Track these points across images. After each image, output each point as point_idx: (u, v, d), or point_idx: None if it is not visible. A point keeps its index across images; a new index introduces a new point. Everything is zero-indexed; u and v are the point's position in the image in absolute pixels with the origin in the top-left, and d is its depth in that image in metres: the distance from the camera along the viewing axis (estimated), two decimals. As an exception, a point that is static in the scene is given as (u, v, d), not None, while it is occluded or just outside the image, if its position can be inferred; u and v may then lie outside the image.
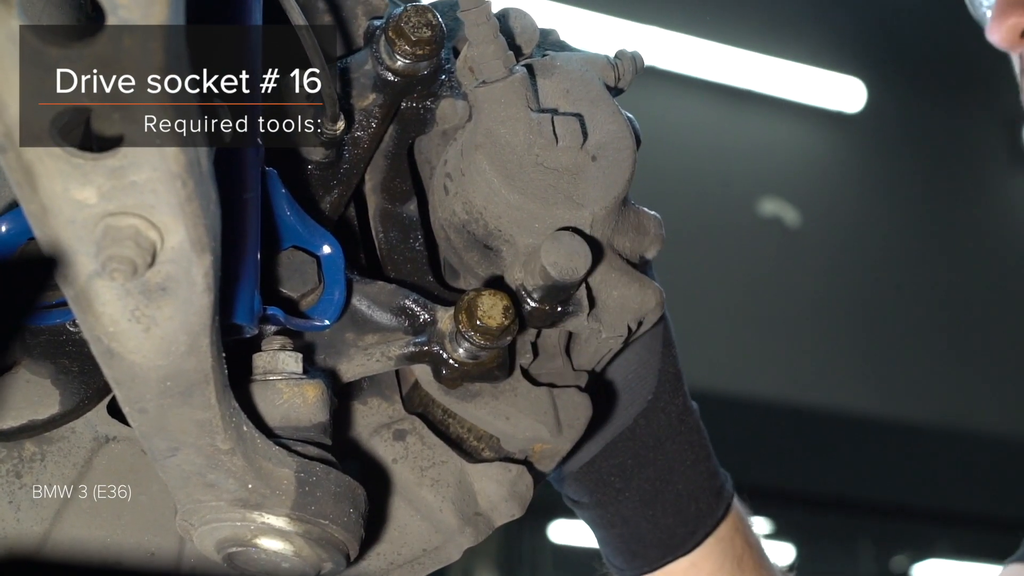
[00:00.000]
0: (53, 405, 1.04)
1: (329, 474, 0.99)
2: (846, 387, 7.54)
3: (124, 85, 0.71)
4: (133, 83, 0.71)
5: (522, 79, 1.11)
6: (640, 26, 7.17)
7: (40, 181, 0.73)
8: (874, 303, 7.63)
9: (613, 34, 6.91)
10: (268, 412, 1.00)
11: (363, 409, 1.15)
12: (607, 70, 1.19)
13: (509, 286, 1.12)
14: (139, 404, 0.89)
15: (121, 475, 1.08)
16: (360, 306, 1.10)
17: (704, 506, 1.43)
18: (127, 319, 0.81)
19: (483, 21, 1.10)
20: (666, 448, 1.39)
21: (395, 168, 1.20)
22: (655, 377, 1.36)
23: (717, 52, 7.52)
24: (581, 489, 1.41)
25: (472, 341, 1.06)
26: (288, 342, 1.04)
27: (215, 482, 0.95)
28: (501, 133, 1.10)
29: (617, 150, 1.13)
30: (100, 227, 0.75)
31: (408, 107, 1.18)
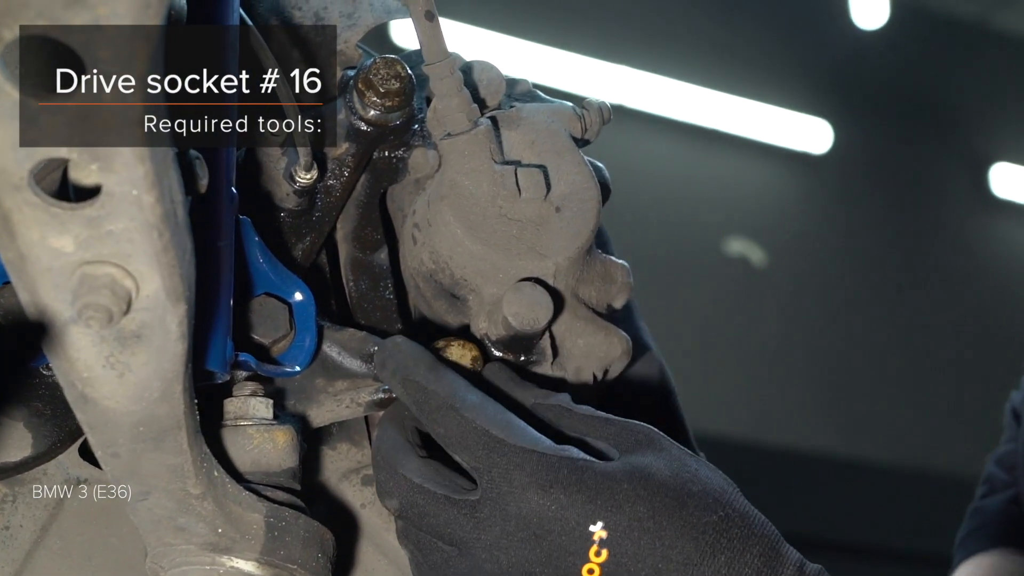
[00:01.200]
0: (25, 448, 1.04)
1: (298, 519, 0.99)
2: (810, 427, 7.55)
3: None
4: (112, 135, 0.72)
5: (486, 131, 1.13)
6: (609, 65, 7.19)
7: (18, 229, 0.74)
8: (839, 343, 7.65)
9: (583, 73, 6.93)
10: (239, 457, 1.01)
11: (332, 454, 1.16)
12: (573, 121, 1.20)
13: (475, 335, 1.13)
14: (111, 448, 0.90)
15: (92, 518, 1.09)
16: (331, 353, 1.11)
17: None
18: (101, 365, 0.82)
19: (447, 75, 1.12)
20: None
21: (367, 217, 1.21)
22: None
23: (685, 92, 7.54)
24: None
25: None
26: (259, 388, 1.05)
27: (185, 526, 0.96)
28: (465, 185, 1.12)
29: (581, 200, 1.14)
30: (77, 275, 0.76)
31: (380, 156, 1.19)
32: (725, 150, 7.85)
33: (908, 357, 8.02)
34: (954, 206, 8.52)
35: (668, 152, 7.71)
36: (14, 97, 0.70)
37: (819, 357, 7.61)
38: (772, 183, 8.08)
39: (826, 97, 8.06)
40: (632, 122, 7.29)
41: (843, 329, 7.71)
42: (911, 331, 8.03)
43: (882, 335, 7.89)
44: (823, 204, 8.09)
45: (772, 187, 8.09)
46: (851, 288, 7.78)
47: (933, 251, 8.35)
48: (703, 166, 7.80)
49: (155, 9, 0.68)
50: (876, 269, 8.02)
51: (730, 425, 7.18)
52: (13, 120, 0.70)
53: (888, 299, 8.03)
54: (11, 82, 0.69)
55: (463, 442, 1.01)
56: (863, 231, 8.07)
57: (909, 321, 8.04)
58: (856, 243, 8.00)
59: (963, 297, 8.29)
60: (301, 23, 1.21)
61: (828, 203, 8.09)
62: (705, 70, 7.63)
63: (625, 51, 7.33)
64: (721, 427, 7.04)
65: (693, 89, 7.61)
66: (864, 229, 8.08)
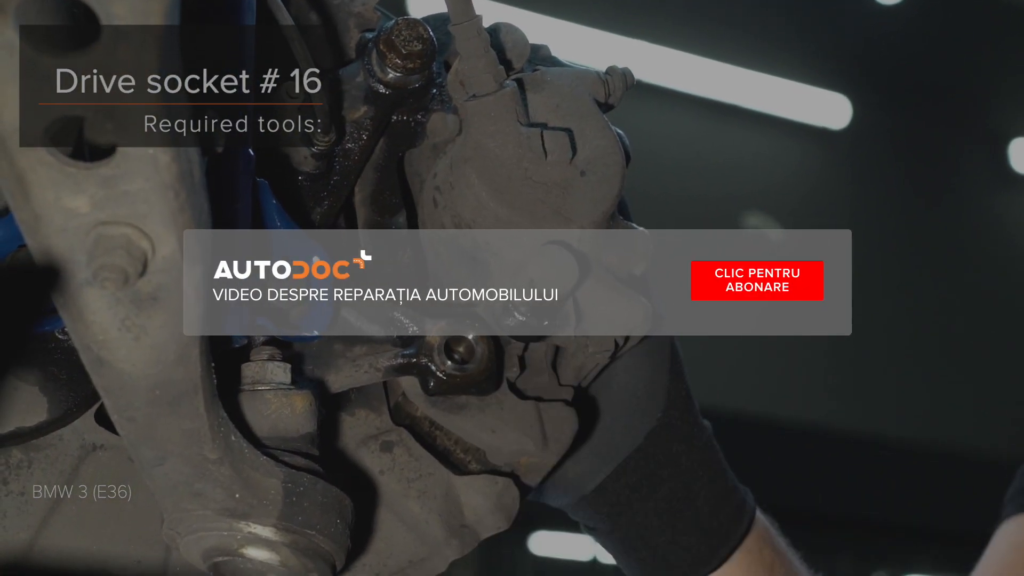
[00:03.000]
0: (41, 412, 1.04)
1: (316, 484, 0.99)
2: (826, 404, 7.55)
3: (124, 86, 0.71)
4: (133, 83, 0.71)
5: (512, 93, 1.12)
6: (628, 40, 7.18)
7: (32, 189, 0.74)
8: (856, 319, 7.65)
9: (601, 48, 6.92)
10: (256, 422, 1.01)
11: (351, 420, 1.15)
12: (597, 85, 1.19)
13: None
14: (128, 413, 0.89)
15: (108, 483, 1.08)
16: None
17: (726, 521, 1.40)
18: (117, 328, 0.81)
19: (473, 35, 1.10)
20: (680, 465, 1.37)
21: (385, 181, 1.20)
22: (664, 395, 1.34)
23: (704, 67, 7.54)
24: (596, 514, 1.38)
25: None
26: (277, 352, 1.04)
27: (202, 491, 0.96)
28: (490, 147, 1.10)
29: (606, 165, 1.13)
30: (92, 236, 0.76)
31: (399, 120, 1.18)
32: (743, 125, 7.85)
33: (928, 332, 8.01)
34: (973, 181, 8.51)
35: (686, 127, 7.70)
36: (28, 55, 0.69)
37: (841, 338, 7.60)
38: (790, 158, 8.08)
39: (845, 72, 8.05)
40: (650, 96, 7.29)
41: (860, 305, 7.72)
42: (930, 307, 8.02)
43: (900, 311, 7.89)
44: (841, 179, 8.08)
45: (790, 162, 8.08)
46: (869, 264, 7.77)
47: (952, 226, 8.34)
48: (721, 141, 7.80)
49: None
50: (894, 245, 8.01)
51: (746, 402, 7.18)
52: (27, 78, 0.69)
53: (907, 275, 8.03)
54: (25, 40, 0.68)
55: None
56: (881, 206, 8.06)
57: (928, 297, 8.03)
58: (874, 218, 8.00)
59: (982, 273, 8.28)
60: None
61: (846, 178, 8.08)
62: (724, 44, 7.62)
63: (643, 25, 7.32)
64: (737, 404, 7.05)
65: (712, 64, 7.61)
66: (882, 204, 8.07)
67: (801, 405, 7.47)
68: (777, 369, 7.47)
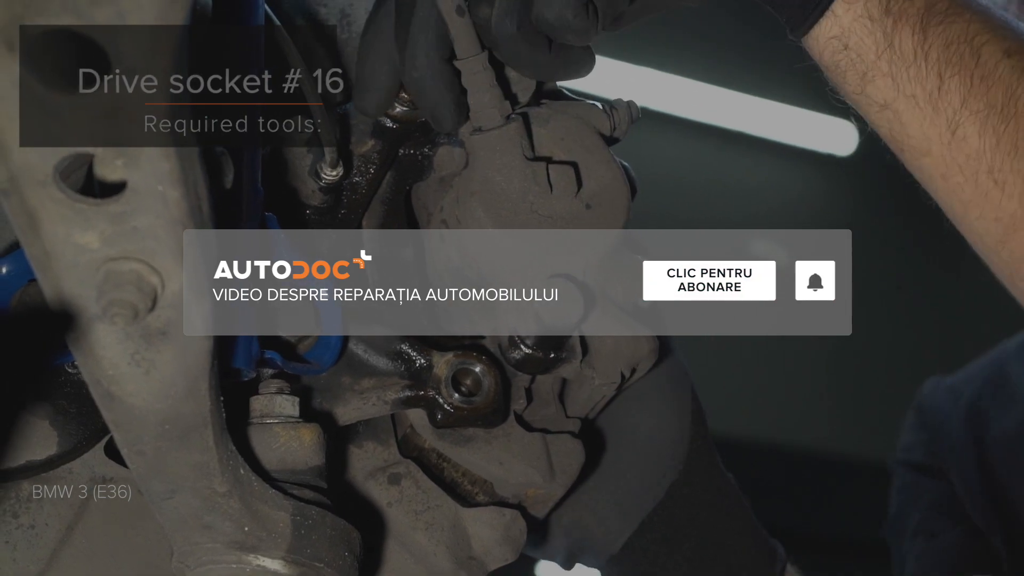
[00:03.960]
0: (51, 446, 1.04)
1: (325, 517, 0.99)
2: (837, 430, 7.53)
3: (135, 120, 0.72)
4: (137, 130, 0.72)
5: (518, 127, 1.12)
6: (633, 67, 7.19)
7: (43, 225, 0.74)
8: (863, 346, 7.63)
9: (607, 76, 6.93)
10: (265, 455, 1.01)
11: (358, 452, 1.15)
12: (602, 119, 1.20)
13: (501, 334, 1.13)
14: (137, 446, 0.90)
15: (118, 516, 1.08)
16: (357, 351, 1.11)
17: (759, 571, 1.37)
18: (127, 362, 0.82)
19: (479, 70, 1.11)
20: (706, 518, 1.34)
21: (392, 214, 1.20)
22: (686, 445, 1.33)
23: (709, 94, 7.54)
24: (624, 572, 1.35)
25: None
26: (285, 385, 1.05)
27: (211, 524, 0.96)
28: (497, 180, 1.11)
29: (611, 198, 1.14)
30: (102, 271, 0.76)
31: (406, 153, 1.19)
32: (749, 151, 7.85)
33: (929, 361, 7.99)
34: (980, 209, 8.47)
35: (692, 154, 7.70)
36: (39, 93, 0.69)
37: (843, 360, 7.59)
38: (796, 185, 8.07)
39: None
40: (657, 124, 7.29)
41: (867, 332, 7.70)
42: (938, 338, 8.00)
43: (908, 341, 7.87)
44: (848, 206, 8.07)
45: (796, 189, 8.07)
46: (876, 292, 7.76)
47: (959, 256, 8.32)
48: (727, 168, 7.80)
49: (180, 4, 0.68)
50: (901, 273, 8.00)
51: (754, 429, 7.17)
52: (38, 116, 0.70)
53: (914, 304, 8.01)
54: (36, 77, 0.69)
55: None
56: (888, 234, 8.05)
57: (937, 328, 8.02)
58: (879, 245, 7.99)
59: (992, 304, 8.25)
60: (326, 21, 1.21)
61: (853, 205, 8.07)
62: (729, 72, 7.62)
63: (648, 53, 7.32)
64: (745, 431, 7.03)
65: (717, 91, 7.61)
66: (889, 232, 8.06)
67: (812, 431, 7.46)
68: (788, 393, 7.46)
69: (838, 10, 1.17)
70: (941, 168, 1.17)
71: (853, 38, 1.18)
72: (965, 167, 1.15)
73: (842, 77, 1.20)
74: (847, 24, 1.17)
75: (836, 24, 1.18)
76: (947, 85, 1.14)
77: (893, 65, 1.16)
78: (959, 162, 1.16)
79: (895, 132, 1.20)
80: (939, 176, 1.18)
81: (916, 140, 1.18)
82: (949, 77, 1.14)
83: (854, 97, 1.21)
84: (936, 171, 1.17)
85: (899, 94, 1.17)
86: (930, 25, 1.14)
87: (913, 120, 1.17)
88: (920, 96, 1.15)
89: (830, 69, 1.22)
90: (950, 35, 1.15)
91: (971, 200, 1.15)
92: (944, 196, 1.20)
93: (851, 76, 1.19)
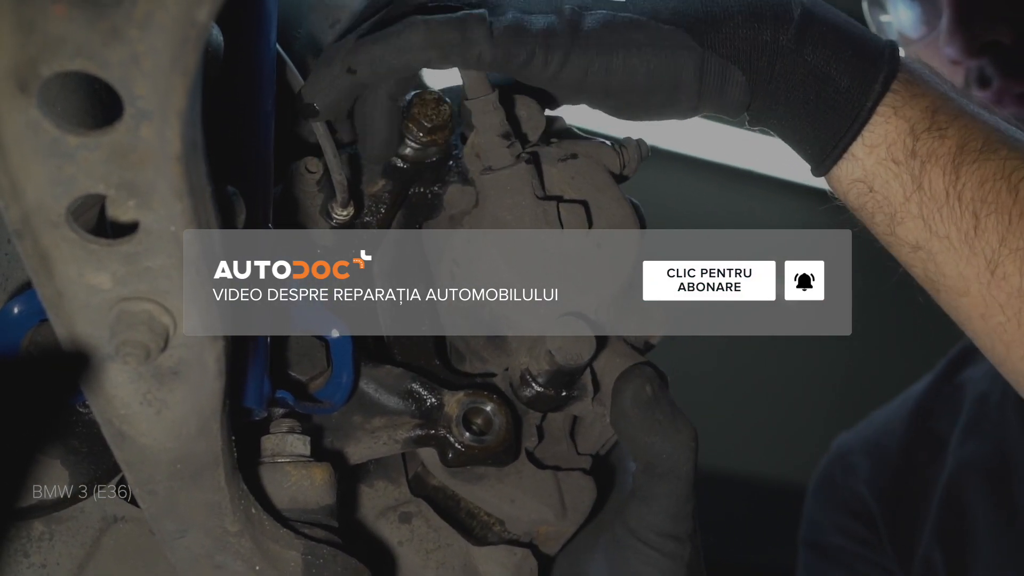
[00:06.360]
0: (62, 485, 1.04)
1: (336, 556, 0.99)
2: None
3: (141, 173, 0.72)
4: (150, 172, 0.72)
5: (528, 167, 1.13)
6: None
7: (56, 266, 0.74)
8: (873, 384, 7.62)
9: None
10: (276, 494, 1.01)
11: (369, 491, 1.15)
12: (612, 157, 1.20)
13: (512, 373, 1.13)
14: (149, 486, 0.90)
15: (129, 556, 1.08)
16: (368, 389, 1.11)
17: None
18: (139, 402, 0.82)
19: (489, 110, 1.12)
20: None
21: (403, 253, 1.20)
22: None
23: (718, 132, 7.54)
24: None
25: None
26: (296, 425, 1.05)
27: (223, 564, 0.96)
28: (507, 220, 1.11)
29: (622, 237, 1.14)
30: (114, 312, 0.76)
31: (416, 192, 1.18)
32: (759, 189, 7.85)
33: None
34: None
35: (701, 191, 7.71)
36: (52, 134, 0.69)
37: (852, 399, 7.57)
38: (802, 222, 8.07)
39: (859, 136, 8.04)
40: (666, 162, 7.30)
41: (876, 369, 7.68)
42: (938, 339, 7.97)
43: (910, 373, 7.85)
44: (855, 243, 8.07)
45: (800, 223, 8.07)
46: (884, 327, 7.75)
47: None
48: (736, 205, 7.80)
49: (192, 44, 0.68)
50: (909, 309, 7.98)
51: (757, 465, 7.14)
52: (50, 158, 0.70)
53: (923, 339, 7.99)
54: (49, 119, 0.69)
55: None
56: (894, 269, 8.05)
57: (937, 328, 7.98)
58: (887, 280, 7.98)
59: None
60: None
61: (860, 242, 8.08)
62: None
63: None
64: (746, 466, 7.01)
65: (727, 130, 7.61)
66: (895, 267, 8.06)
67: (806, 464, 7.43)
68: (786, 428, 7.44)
69: (859, 153, 1.15)
70: (980, 308, 1.12)
71: (878, 181, 1.15)
72: (1007, 306, 1.10)
73: (870, 219, 1.17)
74: (870, 167, 1.15)
75: (858, 167, 1.15)
76: (983, 224, 1.10)
77: (924, 207, 1.13)
78: (1000, 301, 1.11)
79: (929, 272, 1.16)
80: (978, 316, 1.13)
81: (952, 280, 1.14)
82: (985, 216, 1.10)
83: (884, 238, 1.18)
84: (975, 311, 1.13)
85: (932, 235, 1.13)
86: (963, 164, 1.10)
87: (948, 260, 1.13)
88: (954, 236, 1.11)
89: (857, 211, 1.18)
90: (985, 173, 1.10)
91: (1014, 340, 1.10)
92: (984, 336, 1.15)
93: (879, 218, 1.16)
